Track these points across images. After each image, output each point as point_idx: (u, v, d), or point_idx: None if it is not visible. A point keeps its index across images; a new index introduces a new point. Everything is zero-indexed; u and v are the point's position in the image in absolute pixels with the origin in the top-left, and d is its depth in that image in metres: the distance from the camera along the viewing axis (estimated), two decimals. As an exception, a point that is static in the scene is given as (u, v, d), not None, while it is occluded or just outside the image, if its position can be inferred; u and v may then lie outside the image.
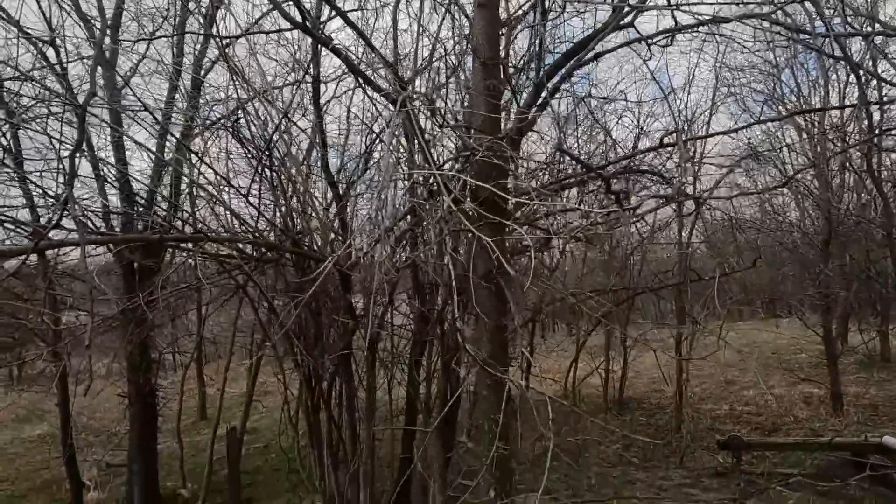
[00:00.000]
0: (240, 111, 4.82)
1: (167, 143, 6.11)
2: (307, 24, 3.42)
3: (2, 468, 9.24)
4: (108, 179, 5.45)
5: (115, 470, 8.31)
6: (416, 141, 2.73)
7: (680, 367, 8.51)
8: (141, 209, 5.59)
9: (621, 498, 6.30)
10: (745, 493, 5.91)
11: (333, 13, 4.39)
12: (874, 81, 8.20)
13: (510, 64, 4.85)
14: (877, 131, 6.97)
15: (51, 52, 5.59)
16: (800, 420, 8.68)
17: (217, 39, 4.72)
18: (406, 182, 4.52)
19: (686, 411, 8.56)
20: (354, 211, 5.68)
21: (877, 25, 4.77)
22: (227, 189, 5.04)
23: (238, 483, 7.21)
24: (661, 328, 11.68)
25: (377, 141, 5.16)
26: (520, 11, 4.00)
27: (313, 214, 4.60)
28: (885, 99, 7.25)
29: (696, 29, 3.41)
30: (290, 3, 3.29)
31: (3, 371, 19.67)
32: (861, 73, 4.12)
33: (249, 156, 4.73)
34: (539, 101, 3.36)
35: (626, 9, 3.30)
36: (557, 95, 3.33)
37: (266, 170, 4.72)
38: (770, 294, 11.74)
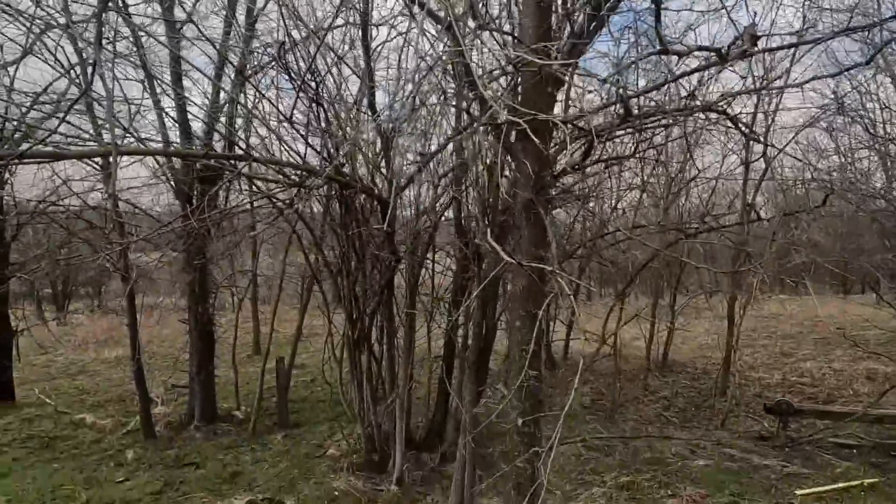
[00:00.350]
0: (289, 45, 4.82)
1: (224, 77, 6.26)
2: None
3: (86, 382, 10.40)
4: (168, 112, 5.68)
5: (178, 390, 9.13)
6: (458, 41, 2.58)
7: (730, 331, 8.13)
8: (199, 142, 5.82)
9: (650, 436, 6.22)
10: (789, 453, 5.68)
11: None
12: None
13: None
14: None
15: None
16: (860, 394, 8.17)
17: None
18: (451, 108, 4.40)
19: (733, 375, 8.23)
20: (401, 151, 5.65)
21: None
22: (278, 125, 5.13)
23: (286, 406, 7.73)
24: (713, 292, 11.15)
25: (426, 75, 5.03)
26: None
27: (357, 146, 4.62)
28: None
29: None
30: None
31: (87, 301, 21.93)
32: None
33: (298, 89, 4.76)
34: (596, 21, 3.12)
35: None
36: (618, 11, 3.06)
37: (314, 103, 4.74)
38: (843, 261, 10.83)
